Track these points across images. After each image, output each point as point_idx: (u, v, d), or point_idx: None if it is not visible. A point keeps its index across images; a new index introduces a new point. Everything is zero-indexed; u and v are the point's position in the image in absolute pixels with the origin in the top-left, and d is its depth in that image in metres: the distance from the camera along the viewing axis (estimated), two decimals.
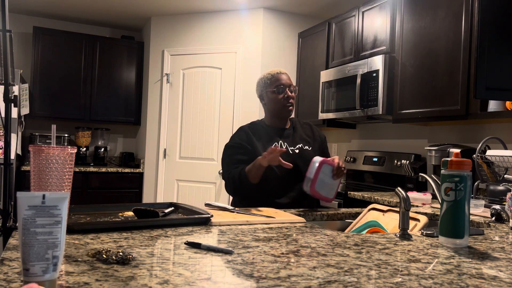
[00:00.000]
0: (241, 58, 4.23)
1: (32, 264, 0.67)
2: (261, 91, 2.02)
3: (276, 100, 1.96)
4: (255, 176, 1.79)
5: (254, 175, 1.79)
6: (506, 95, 1.80)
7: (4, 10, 1.90)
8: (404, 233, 1.21)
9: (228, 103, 4.27)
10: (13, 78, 2.11)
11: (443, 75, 2.55)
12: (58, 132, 4.64)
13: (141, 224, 1.22)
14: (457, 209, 1.12)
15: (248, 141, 1.93)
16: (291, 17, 4.31)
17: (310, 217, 1.69)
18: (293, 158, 1.91)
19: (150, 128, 4.63)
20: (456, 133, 2.90)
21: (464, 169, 1.12)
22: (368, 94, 3.04)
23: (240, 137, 1.97)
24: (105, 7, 4.43)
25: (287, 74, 2.02)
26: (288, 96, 1.96)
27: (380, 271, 0.86)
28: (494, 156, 2.01)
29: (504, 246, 1.16)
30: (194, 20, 4.46)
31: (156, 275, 0.77)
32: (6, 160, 2.00)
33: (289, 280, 0.78)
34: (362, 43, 3.26)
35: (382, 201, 2.42)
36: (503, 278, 0.85)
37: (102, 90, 4.75)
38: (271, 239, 1.12)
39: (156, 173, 4.55)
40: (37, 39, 4.47)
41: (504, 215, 1.56)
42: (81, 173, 4.35)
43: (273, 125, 2.01)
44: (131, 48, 4.90)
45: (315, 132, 2.07)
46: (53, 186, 0.99)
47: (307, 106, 3.91)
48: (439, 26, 2.59)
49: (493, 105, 2.30)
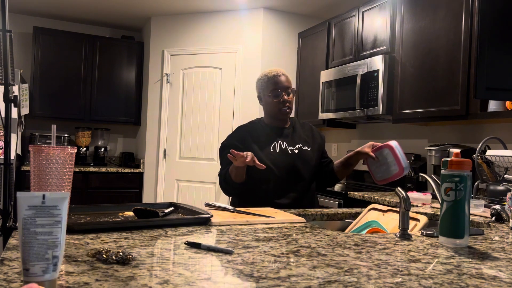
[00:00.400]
0: (241, 58, 4.23)
1: (32, 264, 0.67)
2: (259, 92, 2.00)
3: (273, 104, 1.93)
4: (237, 176, 1.80)
5: (235, 175, 1.80)
6: (506, 95, 1.80)
7: (4, 10, 1.90)
8: (404, 233, 1.21)
9: (228, 103, 4.27)
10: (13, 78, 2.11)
11: (443, 75, 2.55)
12: (58, 132, 4.64)
13: (141, 224, 1.22)
14: (457, 209, 1.12)
15: (241, 141, 1.92)
16: (291, 17, 4.31)
17: (310, 217, 1.69)
18: (292, 158, 1.90)
19: (150, 128, 4.63)
20: (456, 133, 2.90)
21: (464, 169, 1.12)
22: (368, 94, 3.04)
23: (234, 136, 1.97)
24: (105, 7, 4.43)
25: (285, 75, 1.95)
26: (284, 100, 1.91)
27: (380, 271, 0.86)
28: (494, 156, 2.01)
29: (504, 246, 1.16)
30: (194, 20, 4.46)
31: (156, 275, 0.77)
32: (6, 160, 2.00)
33: (289, 280, 0.78)
34: (362, 43, 3.26)
35: (382, 201, 2.42)
36: (503, 278, 0.85)
37: (102, 90, 4.75)
38: (271, 239, 1.12)
39: (156, 173, 4.55)
40: (37, 39, 4.47)
41: (504, 215, 1.56)
42: (81, 173, 4.35)
43: (272, 124, 2.00)
44: (131, 48, 4.90)
45: (314, 133, 2.06)
46: (53, 186, 0.99)
47: (307, 106, 3.91)
48: (439, 26, 2.59)
49: (493, 105, 2.30)
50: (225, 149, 1.95)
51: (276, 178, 1.87)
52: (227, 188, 1.89)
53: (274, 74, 1.93)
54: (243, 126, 2.02)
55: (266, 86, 1.94)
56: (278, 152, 1.90)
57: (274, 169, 1.86)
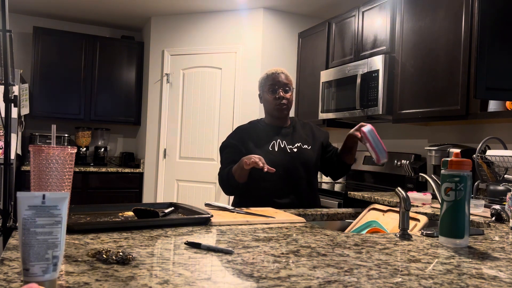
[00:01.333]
0: (241, 58, 4.23)
1: (32, 264, 0.67)
2: (259, 90, 2.03)
3: (270, 101, 1.95)
4: (240, 176, 1.82)
5: (239, 175, 1.82)
6: (506, 95, 1.80)
7: (4, 10, 1.90)
8: (404, 233, 1.21)
9: (228, 103, 4.27)
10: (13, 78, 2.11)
11: (443, 75, 2.55)
12: (58, 132, 4.64)
13: (141, 224, 1.22)
14: (457, 209, 1.12)
15: (240, 141, 1.95)
16: (291, 17, 4.31)
17: (310, 217, 1.69)
18: (291, 157, 1.90)
19: (150, 128, 4.63)
20: (456, 133, 2.90)
21: (464, 169, 1.12)
22: (368, 94, 3.04)
23: (233, 137, 1.99)
24: (105, 7, 4.43)
25: (285, 73, 1.97)
26: (280, 97, 1.92)
27: (380, 271, 0.86)
28: (494, 156, 2.01)
29: (504, 246, 1.16)
30: (194, 20, 4.46)
31: (156, 275, 0.77)
32: (6, 160, 2.00)
33: (289, 280, 0.78)
34: (362, 43, 3.26)
35: (382, 201, 2.42)
36: (503, 278, 0.85)
37: (102, 90, 4.75)
38: (271, 239, 1.12)
39: (156, 173, 4.55)
40: (37, 39, 4.47)
41: (504, 215, 1.56)
42: (81, 173, 4.35)
43: (271, 123, 2.01)
44: (131, 48, 4.90)
45: (315, 133, 2.06)
46: (53, 186, 0.99)
47: (307, 106, 3.91)
48: (439, 26, 2.59)
49: (493, 105, 2.29)
50: (225, 149, 1.98)
51: (276, 177, 1.87)
52: (228, 187, 1.90)
53: (273, 72, 1.96)
54: (242, 126, 2.04)
55: (265, 83, 1.97)
56: (276, 151, 1.91)
57: (273, 168, 1.86)
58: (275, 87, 1.93)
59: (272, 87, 1.94)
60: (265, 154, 1.88)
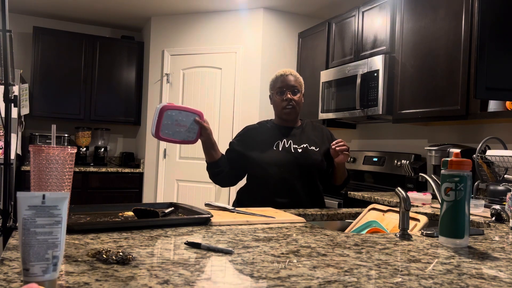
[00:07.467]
0: (241, 58, 4.23)
1: (32, 264, 0.67)
2: (269, 91, 2.05)
3: (277, 103, 1.97)
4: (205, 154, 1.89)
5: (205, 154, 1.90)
6: (506, 95, 1.80)
7: (4, 10, 1.90)
8: (404, 233, 1.21)
9: (228, 103, 4.27)
10: (13, 78, 2.11)
11: (443, 75, 2.55)
12: (58, 132, 4.64)
13: (141, 224, 1.22)
14: (457, 209, 1.12)
15: (240, 140, 1.99)
16: (291, 17, 4.31)
17: (310, 217, 1.69)
18: (295, 157, 1.90)
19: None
20: (456, 133, 2.90)
21: (464, 169, 1.12)
22: (368, 94, 3.04)
23: (237, 136, 2.04)
24: (105, 7, 4.43)
25: (294, 75, 1.97)
26: (287, 99, 1.93)
27: (380, 271, 0.86)
28: (494, 156, 2.02)
29: (504, 246, 1.16)
30: (194, 20, 4.46)
31: (156, 275, 0.77)
32: (6, 160, 2.00)
33: (289, 280, 0.78)
34: (362, 43, 3.26)
35: (382, 201, 2.42)
36: (503, 278, 0.85)
37: (102, 90, 4.75)
38: (271, 239, 1.12)
39: (156, 173, 4.55)
40: (37, 39, 4.47)
41: (504, 215, 1.56)
42: (81, 173, 4.35)
43: (280, 124, 2.02)
44: (131, 48, 4.90)
45: (324, 136, 2.04)
46: (53, 186, 0.99)
47: (307, 106, 3.90)
48: (439, 26, 2.59)
49: (493, 105, 2.30)
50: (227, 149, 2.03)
51: (277, 176, 1.87)
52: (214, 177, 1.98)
53: (282, 73, 1.98)
54: (250, 126, 2.07)
55: (274, 84, 1.99)
56: (280, 150, 1.91)
57: (275, 167, 1.86)
58: (283, 89, 1.95)
59: (280, 89, 1.95)
60: (268, 153, 1.88)
